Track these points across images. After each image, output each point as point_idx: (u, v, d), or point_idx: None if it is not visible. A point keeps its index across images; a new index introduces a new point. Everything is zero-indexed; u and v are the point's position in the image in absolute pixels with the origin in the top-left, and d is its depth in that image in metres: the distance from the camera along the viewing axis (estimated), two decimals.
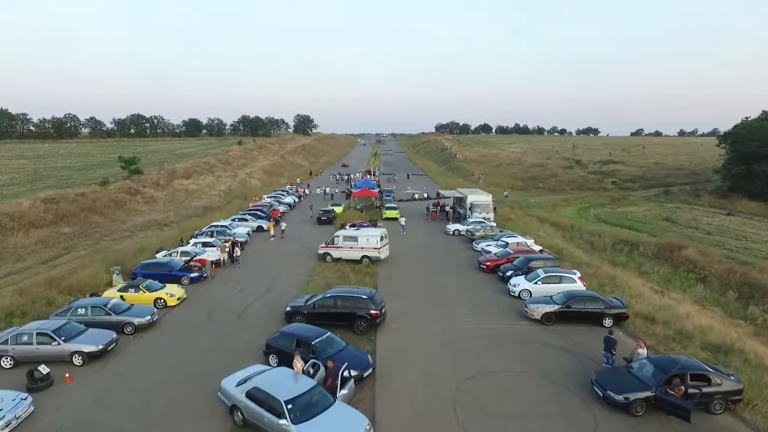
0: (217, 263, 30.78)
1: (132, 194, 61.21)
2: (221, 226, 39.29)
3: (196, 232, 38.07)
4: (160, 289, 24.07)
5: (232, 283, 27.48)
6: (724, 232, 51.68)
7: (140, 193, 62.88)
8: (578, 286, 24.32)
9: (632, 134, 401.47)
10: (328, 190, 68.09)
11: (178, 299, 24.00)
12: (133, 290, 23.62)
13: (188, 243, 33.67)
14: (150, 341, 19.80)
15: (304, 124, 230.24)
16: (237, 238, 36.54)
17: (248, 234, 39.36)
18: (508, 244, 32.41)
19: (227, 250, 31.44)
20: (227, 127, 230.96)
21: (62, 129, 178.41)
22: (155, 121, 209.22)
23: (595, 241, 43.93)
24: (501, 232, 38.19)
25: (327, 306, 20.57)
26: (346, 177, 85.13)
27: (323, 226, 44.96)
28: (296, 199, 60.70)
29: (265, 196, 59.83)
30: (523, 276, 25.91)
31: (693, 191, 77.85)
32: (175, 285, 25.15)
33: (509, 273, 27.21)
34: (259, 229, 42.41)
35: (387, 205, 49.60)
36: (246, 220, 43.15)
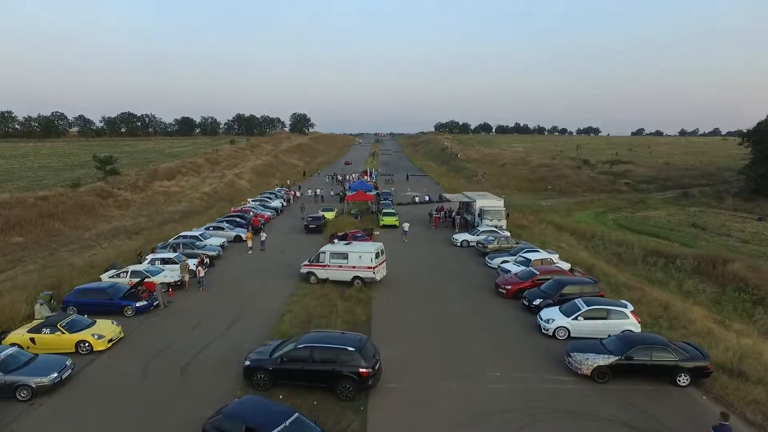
0: (177, 285, 25.15)
1: (103, 197, 55.45)
2: (191, 236, 33.64)
3: (158, 244, 32.34)
4: (86, 327, 18.36)
5: (188, 315, 21.82)
6: (762, 240, 46.22)
7: (113, 195, 57.13)
8: (631, 323, 18.76)
9: (633, 134, 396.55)
10: (318, 191, 62.48)
11: (110, 341, 18.32)
12: (48, 330, 17.90)
13: (145, 259, 27.96)
14: (48, 414, 14.10)
15: (300, 124, 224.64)
16: (207, 252, 30.96)
17: (222, 246, 33.77)
18: (530, 261, 26.76)
19: (189, 268, 25.75)
20: (221, 126, 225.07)
21: (50, 128, 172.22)
22: (146, 119, 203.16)
23: (622, 252, 38.42)
24: (518, 244, 32.59)
25: (300, 359, 14.91)
26: (340, 178, 79.33)
27: (312, 235, 39.32)
28: (284, 203, 54.93)
29: (249, 200, 54.12)
30: (558, 308, 20.29)
31: (714, 193, 72.38)
32: (109, 321, 19.39)
33: (537, 302, 21.61)
34: (237, 239, 36.76)
35: (385, 211, 43.95)
36: (222, 229, 37.45)
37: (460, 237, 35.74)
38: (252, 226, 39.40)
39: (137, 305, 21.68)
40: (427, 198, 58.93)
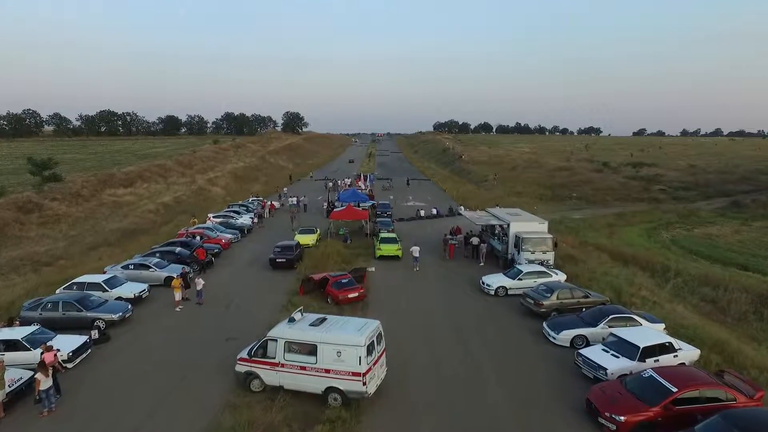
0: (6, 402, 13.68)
1: (26, 212, 43.68)
2: (90, 284, 22.23)
3: (26, 303, 20.58)
4: None
5: None
6: None
7: (41, 209, 45.35)
8: None
9: (634, 134, 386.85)
10: (300, 199, 51.05)
11: None
12: None
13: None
14: None
15: (293, 123, 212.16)
16: (103, 315, 19.53)
17: (139, 297, 22.38)
18: (638, 348, 15.29)
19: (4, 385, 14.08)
20: (209, 126, 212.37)
21: (20, 126, 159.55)
22: (128, 118, 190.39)
23: (718, 298, 27.11)
24: (586, 298, 21.23)
25: None
26: (330, 184, 67.53)
27: (280, 274, 27.72)
28: (255, 219, 43.01)
29: (211, 215, 42.28)
30: None
31: None
32: None
33: None
34: (168, 281, 25.04)
35: (383, 236, 32.06)
36: (147, 268, 25.80)
37: (495, 281, 24.20)
38: (196, 261, 27.81)
39: None
40: (434, 211, 47.45)
